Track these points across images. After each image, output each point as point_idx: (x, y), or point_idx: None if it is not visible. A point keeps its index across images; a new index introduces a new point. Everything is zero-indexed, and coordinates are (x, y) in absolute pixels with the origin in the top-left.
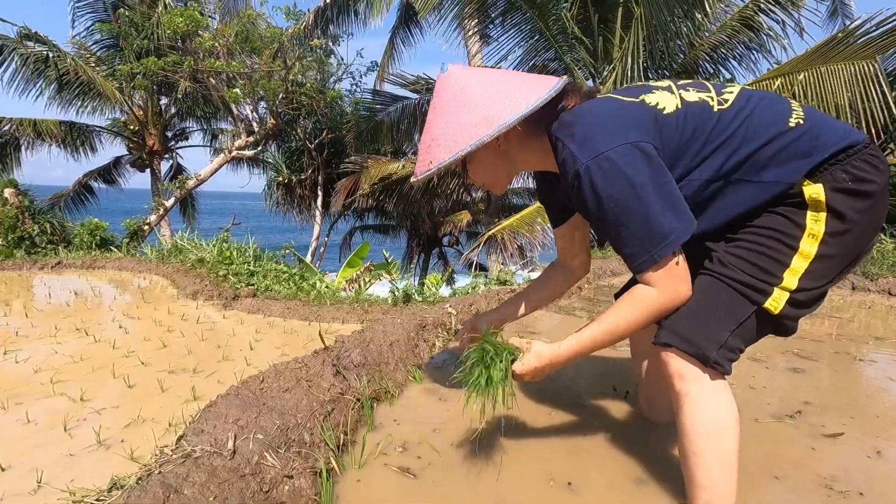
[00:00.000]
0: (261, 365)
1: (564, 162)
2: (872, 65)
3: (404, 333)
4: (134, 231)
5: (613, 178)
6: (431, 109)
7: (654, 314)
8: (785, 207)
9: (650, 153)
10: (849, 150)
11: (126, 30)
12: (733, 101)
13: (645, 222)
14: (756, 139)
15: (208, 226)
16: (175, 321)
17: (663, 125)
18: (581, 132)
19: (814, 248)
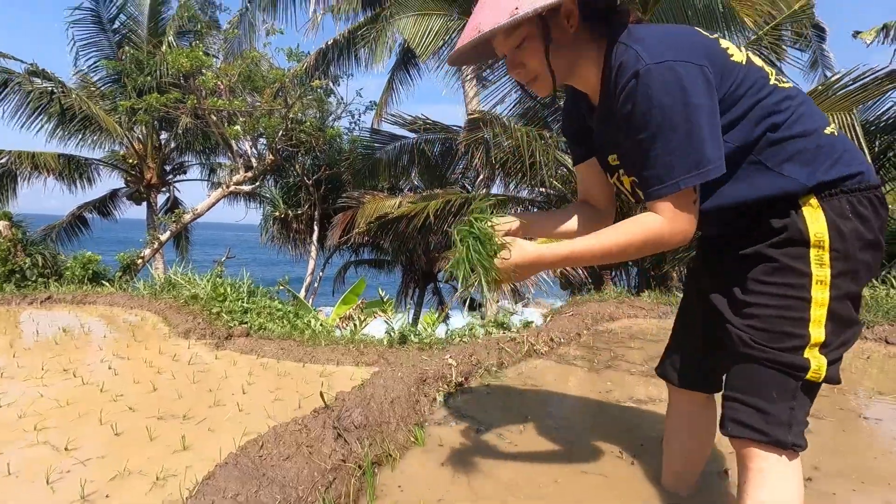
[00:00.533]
0: (253, 411)
1: (624, 63)
2: (849, 116)
3: (405, 389)
4: (127, 265)
5: (671, 87)
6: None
7: (652, 244)
8: (788, 252)
9: (711, 83)
10: (863, 184)
11: (129, 67)
12: (790, 86)
13: (685, 143)
14: (798, 125)
15: (202, 257)
16: (166, 362)
17: (726, 69)
18: (652, 40)
19: (826, 294)
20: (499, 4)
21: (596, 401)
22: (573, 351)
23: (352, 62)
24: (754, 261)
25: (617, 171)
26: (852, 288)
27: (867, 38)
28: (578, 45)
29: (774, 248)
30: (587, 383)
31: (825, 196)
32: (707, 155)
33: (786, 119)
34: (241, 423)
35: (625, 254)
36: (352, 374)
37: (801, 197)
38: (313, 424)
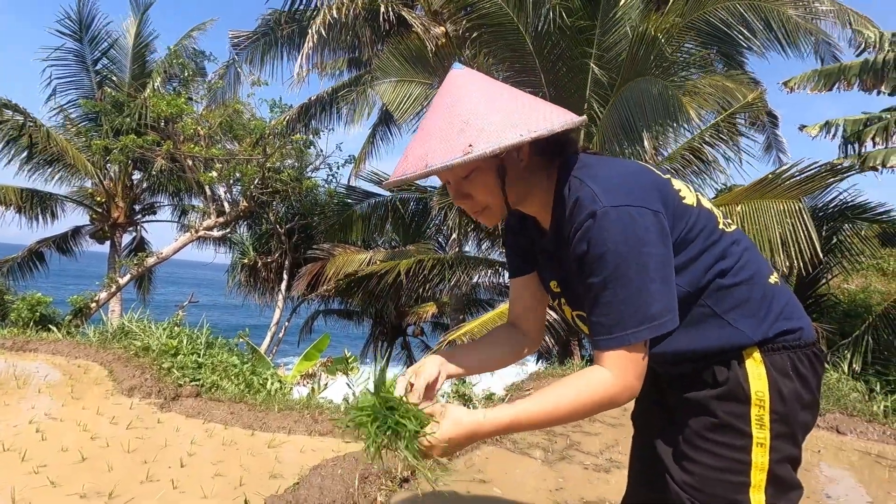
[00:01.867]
0: (189, 489)
1: (580, 200)
2: (798, 204)
3: (343, 490)
4: (79, 308)
5: (627, 235)
6: (434, 106)
7: (600, 404)
8: (729, 409)
9: (666, 231)
10: (803, 340)
11: (108, 107)
12: (734, 230)
13: (638, 295)
14: (745, 271)
15: (165, 296)
16: (102, 425)
17: (679, 212)
18: (608, 178)
19: (766, 458)
20: (448, 138)
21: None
22: (529, 437)
23: (333, 118)
24: (697, 409)
25: (559, 298)
26: (792, 451)
27: (812, 132)
28: (529, 176)
29: (716, 401)
30: (538, 479)
31: (768, 350)
32: (659, 309)
33: (733, 265)
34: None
35: (573, 418)
36: (302, 446)
37: (746, 349)
38: None
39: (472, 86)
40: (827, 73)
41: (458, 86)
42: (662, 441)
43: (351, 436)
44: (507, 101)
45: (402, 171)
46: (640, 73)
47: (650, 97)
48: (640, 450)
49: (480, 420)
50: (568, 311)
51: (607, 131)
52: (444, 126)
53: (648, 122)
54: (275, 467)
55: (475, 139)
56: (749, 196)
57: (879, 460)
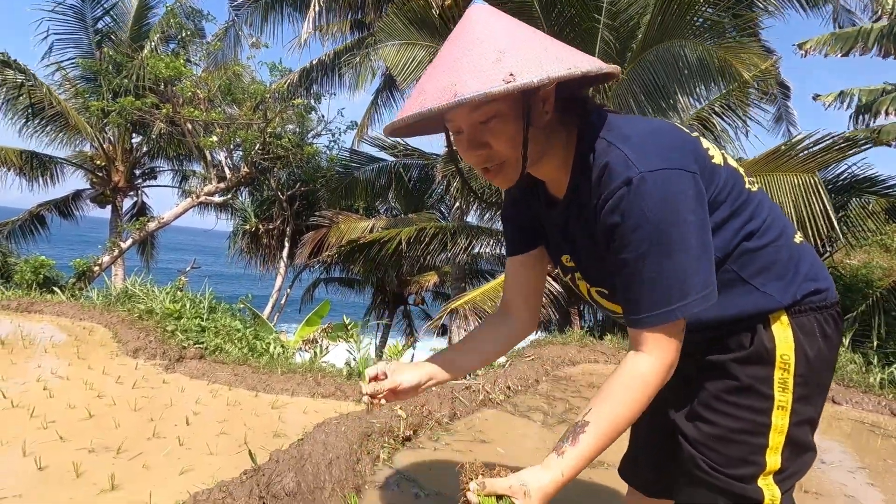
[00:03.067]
0: (195, 446)
1: (610, 166)
2: (813, 178)
3: (346, 446)
4: (82, 271)
5: (668, 203)
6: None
7: (655, 391)
8: (752, 372)
9: (703, 194)
10: (828, 300)
11: (107, 67)
12: (758, 189)
13: (679, 267)
14: (770, 232)
15: (167, 264)
16: (108, 384)
17: (710, 172)
18: (640, 139)
19: (786, 420)
20: (481, 67)
21: None
22: (529, 400)
23: (335, 82)
24: (717, 373)
25: (572, 273)
26: (811, 413)
27: (826, 101)
28: (549, 133)
29: (738, 365)
30: (538, 440)
31: (795, 312)
32: (703, 280)
33: (759, 226)
34: (180, 461)
35: (634, 419)
36: (305, 407)
37: (773, 312)
38: (239, 492)
39: (500, 19)
40: (844, 36)
41: (483, 19)
42: (676, 402)
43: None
44: (542, 37)
45: (419, 104)
46: (669, 35)
47: (684, 60)
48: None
49: (558, 479)
50: (584, 286)
51: (623, 98)
52: (475, 56)
53: (685, 87)
54: (278, 427)
55: (517, 68)
56: (762, 168)
57: (873, 429)
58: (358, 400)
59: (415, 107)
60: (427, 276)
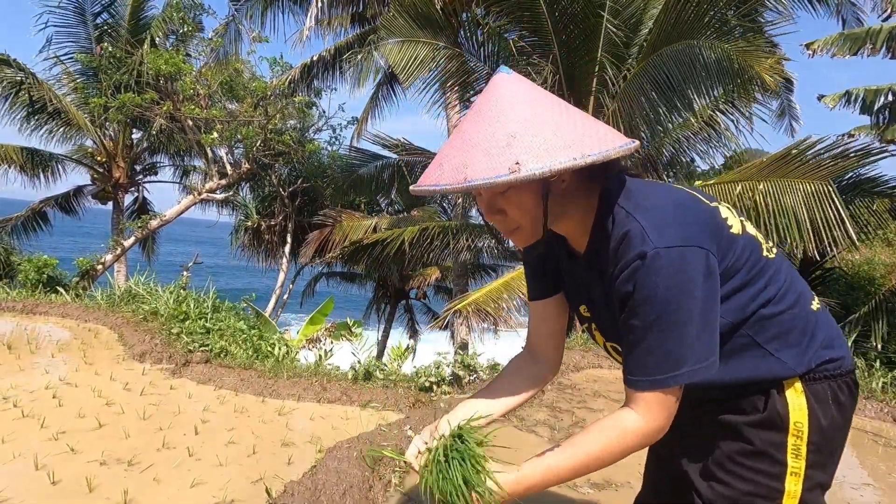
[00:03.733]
0: (204, 456)
1: (628, 237)
2: (827, 186)
3: (359, 473)
4: (85, 270)
5: (678, 279)
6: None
7: (631, 448)
8: (765, 437)
9: (715, 269)
10: (843, 368)
11: (106, 63)
12: (776, 255)
13: (680, 340)
14: (787, 298)
15: (168, 256)
16: (117, 391)
17: (724, 242)
18: (656, 212)
19: (799, 486)
20: (492, 151)
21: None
22: (535, 413)
23: (336, 78)
24: (732, 435)
25: (589, 323)
26: (823, 478)
27: (830, 103)
28: (568, 198)
29: (752, 429)
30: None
31: (809, 380)
32: (701, 354)
33: (775, 293)
34: (190, 473)
35: (607, 463)
36: (312, 413)
37: (787, 379)
38: None
39: (519, 95)
40: (853, 36)
41: (503, 93)
42: (689, 457)
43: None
44: (557, 116)
45: (435, 179)
46: (684, 35)
47: (701, 61)
48: (660, 459)
49: (519, 476)
50: (600, 337)
51: (634, 95)
52: (488, 136)
53: (701, 88)
54: (286, 435)
55: (523, 156)
56: (771, 173)
57: (876, 439)
58: (364, 405)
59: (432, 180)
60: (429, 271)
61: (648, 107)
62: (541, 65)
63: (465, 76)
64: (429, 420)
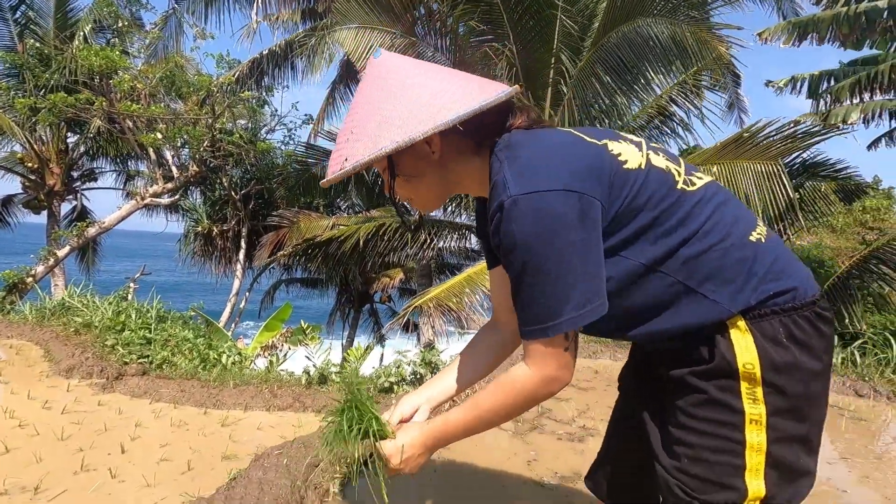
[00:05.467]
0: (129, 477)
1: (495, 186)
2: (777, 166)
3: (288, 483)
4: (13, 284)
5: (540, 225)
6: (355, 97)
7: (525, 400)
8: (716, 383)
9: (589, 211)
10: (798, 301)
11: (32, 61)
12: (700, 186)
13: (554, 288)
14: (714, 233)
15: (115, 274)
16: (33, 410)
17: (617, 179)
18: (525, 157)
19: (762, 437)
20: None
21: (516, 477)
22: None
23: (288, 73)
24: (684, 389)
25: None
26: (796, 429)
27: (777, 90)
28: (464, 157)
29: (702, 378)
30: (510, 452)
31: (754, 317)
32: (575, 303)
33: (697, 229)
34: (110, 497)
35: (500, 418)
36: (259, 423)
37: (729, 319)
38: None
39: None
40: (801, 24)
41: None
42: (650, 419)
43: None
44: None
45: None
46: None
47: (654, 38)
48: (622, 421)
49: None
50: None
51: (586, 80)
52: (341, 132)
53: (656, 64)
54: (228, 447)
55: (351, 151)
56: (724, 156)
57: (841, 412)
58: (318, 411)
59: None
60: (392, 273)
61: (603, 92)
62: (497, 57)
63: None
64: None
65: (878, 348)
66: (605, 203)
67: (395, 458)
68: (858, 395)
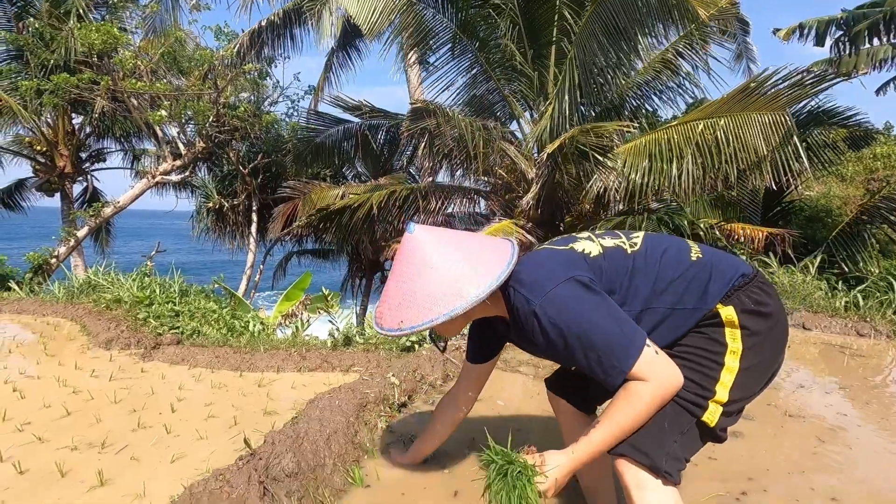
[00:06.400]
0: (183, 432)
1: (518, 306)
2: (784, 116)
3: (343, 420)
4: (38, 265)
5: (566, 310)
6: (399, 266)
7: (654, 404)
8: (707, 328)
9: (588, 283)
10: (745, 279)
11: (33, 42)
12: (641, 244)
13: (606, 341)
14: (668, 269)
15: (128, 250)
16: (83, 379)
17: (594, 265)
18: (528, 276)
19: (737, 363)
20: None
21: (538, 416)
22: (519, 355)
23: (287, 44)
24: (686, 338)
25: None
26: (759, 360)
27: (784, 37)
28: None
29: (699, 326)
30: (531, 393)
31: (725, 300)
32: (627, 340)
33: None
34: (169, 449)
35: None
36: (293, 382)
37: (713, 311)
38: (237, 479)
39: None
40: None
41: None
42: None
43: None
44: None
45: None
46: None
47: None
48: None
49: (572, 456)
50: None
51: (588, 42)
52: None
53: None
54: (268, 404)
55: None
56: (731, 108)
57: (843, 350)
58: (346, 370)
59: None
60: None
61: (600, 52)
62: (499, 16)
63: (423, 35)
64: (410, 366)
65: (881, 291)
66: (594, 278)
67: (551, 492)
68: (860, 335)
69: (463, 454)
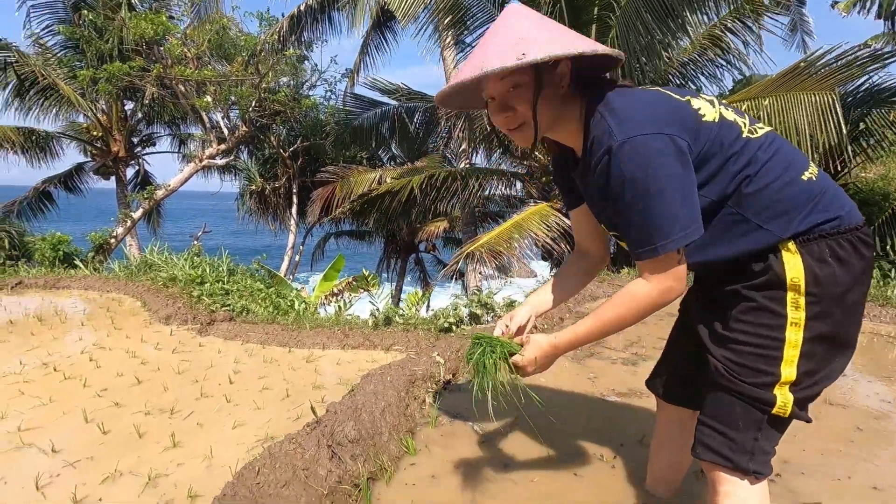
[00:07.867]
0: (241, 402)
1: (598, 136)
2: (831, 96)
3: (395, 394)
4: (99, 245)
5: (644, 162)
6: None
7: (645, 310)
8: (766, 294)
9: (684, 150)
10: (843, 227)
11: (88, 32)
12: (762, 135)
13: (660, 212)
14: (770, 173)
15: (176, 231)
16: (149, 351)
17: (700, 129)
18: (624, 111)
19: (800, 336)
20: (504, 50)
21: (580, 394)
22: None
23: (325, 27)
24: (736, 298)
25: (597, 217)
26: (830, 330)
27: (844, 10)
28: (565, 103)
29: (753, 290)
30: (571, 374)
31: (803, 241)
32: (680, 223)
33: (758, 170)
34: (231, 416)
35: (624, 324)
36: (338, 359)
37: (781, 243)
38: (308, 442)
39: (526, 15)
40: None
41: (512, 14)
42: (704, 326)
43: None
44: (555, 27)
45: (457, 78)
46: None
47: None
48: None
49: (553, 341)
50: (605, 230)
51: (632, 22)
52: (500, 42)
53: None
54: (316, 379)
55: (528, 49)
56: (778, 88)
57: (892, 341)
58: (387, 348)
59: (454, 80)
60: (437, 223)
61: (645, 32)
62: None
63: (459, 15)
64: (454, 346)
65: None
66: (692, 146)
67: (529, 368)
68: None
69: (514, 429)
